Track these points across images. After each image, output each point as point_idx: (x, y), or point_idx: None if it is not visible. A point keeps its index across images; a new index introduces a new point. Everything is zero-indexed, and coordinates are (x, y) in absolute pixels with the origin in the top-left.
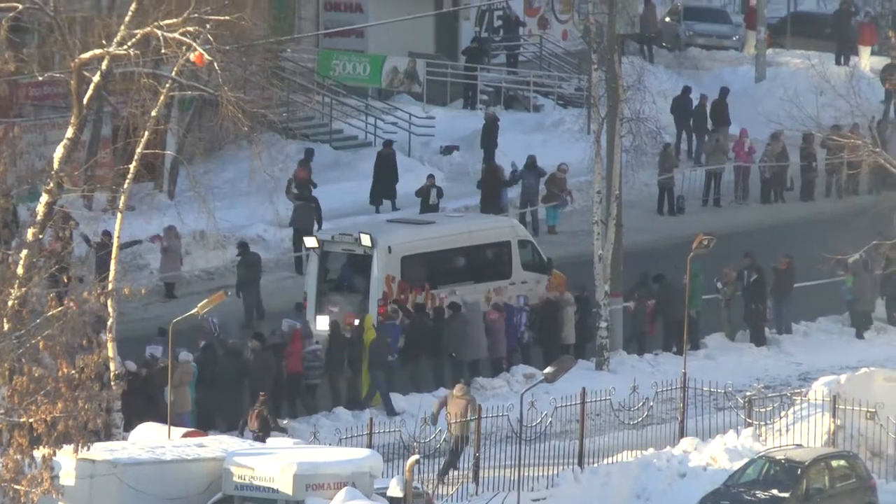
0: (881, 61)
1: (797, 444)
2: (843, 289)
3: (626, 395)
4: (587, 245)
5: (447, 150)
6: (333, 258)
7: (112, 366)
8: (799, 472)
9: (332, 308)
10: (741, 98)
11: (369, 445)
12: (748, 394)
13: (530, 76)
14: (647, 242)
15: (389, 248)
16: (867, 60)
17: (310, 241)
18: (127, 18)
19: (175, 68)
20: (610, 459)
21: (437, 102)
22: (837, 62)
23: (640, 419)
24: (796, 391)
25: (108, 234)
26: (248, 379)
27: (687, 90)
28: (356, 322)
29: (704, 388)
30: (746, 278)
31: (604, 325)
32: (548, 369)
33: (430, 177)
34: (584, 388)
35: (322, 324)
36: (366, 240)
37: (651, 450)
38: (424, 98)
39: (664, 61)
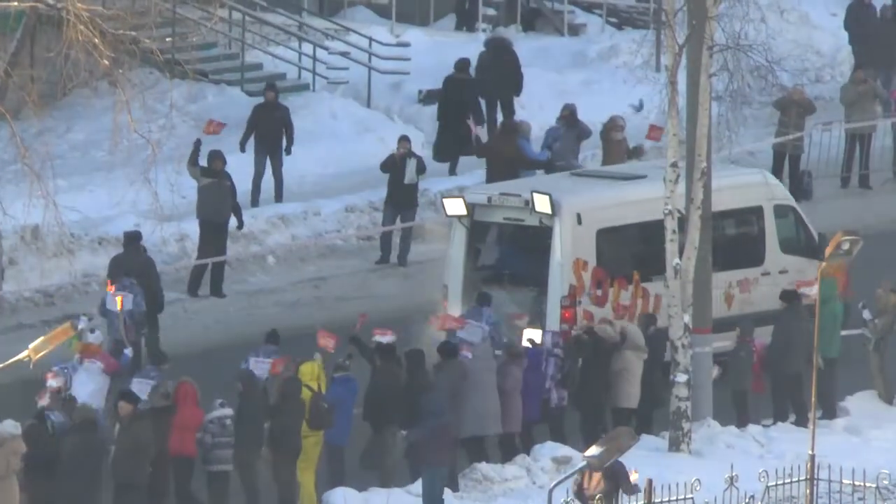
0: None
1: None
2: None
3: (718, 492)
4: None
5: (430, 98)
6: (490, 232)
7: None
8: None
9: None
10: None
11: None
12: None
13: None
14: None
15: (578, 216)
16: None
17: (453, 206)
18: None
19: None
20: None
21: (415, 21)
22: None
23: None
24: None
25: None
26: (107, 465)
27: None
28: (290, 369)
29: (845, 481)
30: None
31: (683, 378)
32: (593, 450)
33: (404, 140)
34: (650, 481)
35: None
36: (542, 203)
37: None
38: (394, 14)
39: None
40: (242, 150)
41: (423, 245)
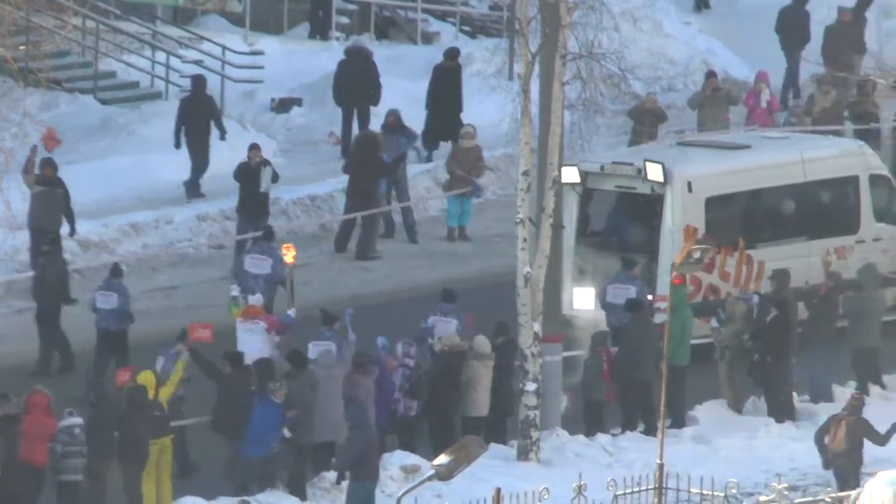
0: None
1: None
2: None
3: (566, 501)
4: (509, 258)
5: (283, 106)
6: (602, 199)
7: None
8: None
9: (596, 277)
10: (755, 20)
11: None
12: (762, 499)
13: None
14: None
15: (689, 184)
16: None
17: (568, 173)
18: None
19: None
20: None
21: (269, 29)
22: None
23: None
24: (840, 494)
25: None
26: None
27: None
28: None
29: (693, 490)
30: (761, 314)
31: (532, 387)
32: (441, 459)
33: (255, 148)
34: (498, 490)
35: (583, 300)
36: (655, 171)
37: None
38: (247, 23)
39: None
40: (177, 146)
41: None
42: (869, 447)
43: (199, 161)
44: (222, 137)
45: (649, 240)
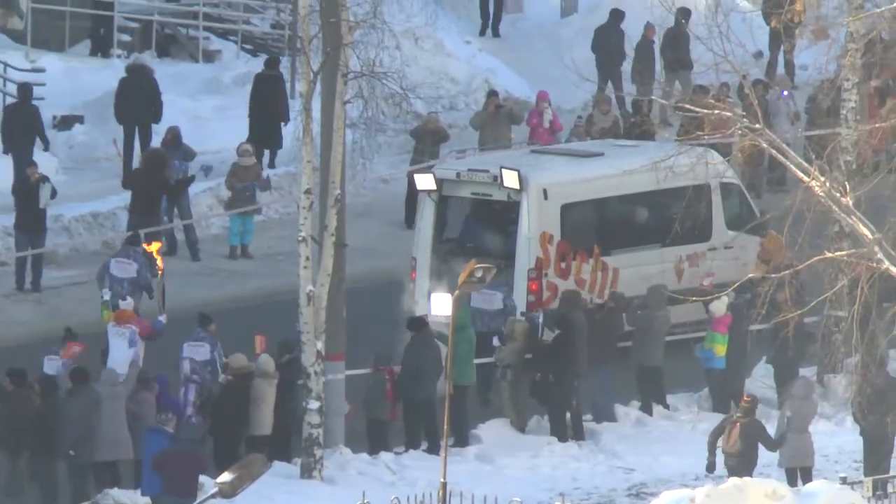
0: None
1: None
2: (702, 351)
3: None
4: (291, 276)
5: (65, 123)
6: (458, 206)
7: None
8: None
9: (454, 283)
10: (537, 40)
11: None
12: None
13: (199, 4)
14: (386, 273)
15: (545, 191)
16: None
17: (424, 181)
18: None
19: None
20: None
21: (50, 47)
22: None
23: None
24: None
25: None
26: None
27: (617, 15)
28: None
29: None
30: (543, 331)
31: (315, 406)
32: (224, 476)
33: (32, 165)
34: None
35: (440, 306)
36: (511, 179)
37: None
38: (29, 39)
39: None
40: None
41: (57, 271)
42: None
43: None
44: (46, 148)
45: (505, 246)
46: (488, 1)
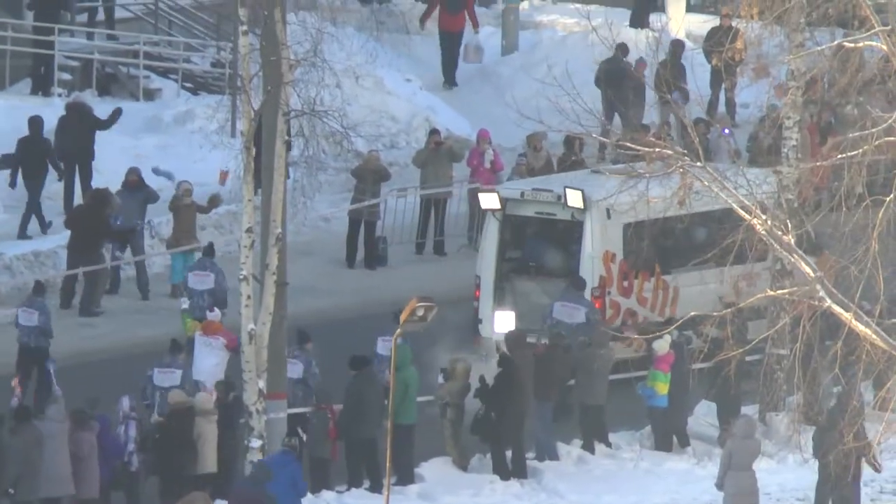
0: (703, 23)
1: None
2: (643, 389)
3: None
4: (233, 315)
5: (5, 162)
6: (521, 225)
7: None
8: None
9: (518, 301)
10: (476, 80)
11: None
12: None
13: (140, 43)
14: (328, 312)
15: (608, 210)
16: (681, 21)
17: (488, 200)
18: None
19: None
20: None
21: None
22: (635, 24)
23: None
24: None
25: None
26: None
27: (622, 50)
28: None
29: None
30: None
31: (256, 444)
32: None
33: None
34: None
35: (503, 323)
36: (575, 198)
37: None
38: None
39: (354, 20)
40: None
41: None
42: None
43: (32, 202)
44: (60, 178)
45: (568, 265)
46: (451, 53)
